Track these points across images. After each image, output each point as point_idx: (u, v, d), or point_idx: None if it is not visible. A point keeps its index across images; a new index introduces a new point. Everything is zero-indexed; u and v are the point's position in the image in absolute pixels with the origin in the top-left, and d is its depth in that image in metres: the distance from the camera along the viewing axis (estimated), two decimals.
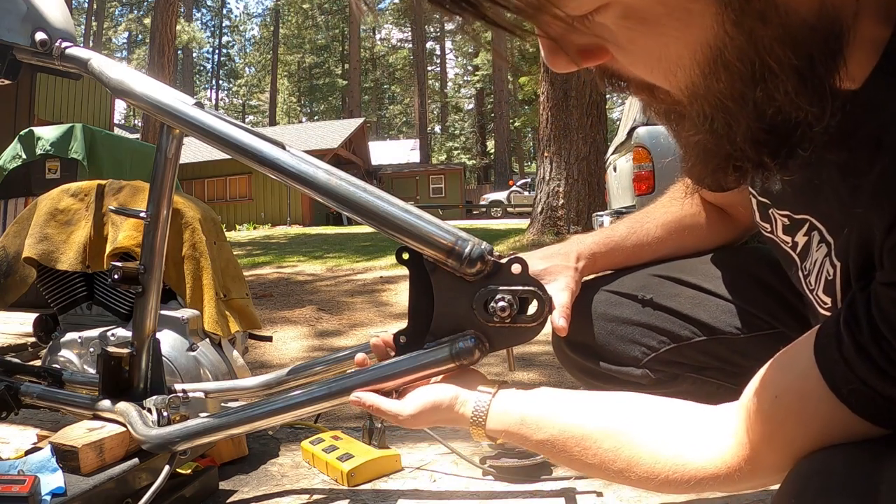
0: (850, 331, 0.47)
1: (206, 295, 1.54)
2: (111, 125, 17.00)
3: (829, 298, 0.59)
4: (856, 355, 0.47)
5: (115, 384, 1.23)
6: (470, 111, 45.56)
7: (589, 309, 0.92)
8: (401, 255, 0.87)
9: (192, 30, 43.40)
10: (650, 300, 0.90)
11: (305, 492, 1.43)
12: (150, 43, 14.68)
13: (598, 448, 0.63)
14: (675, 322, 0.88)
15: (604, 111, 7.72)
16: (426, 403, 0.77)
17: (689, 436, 0.60)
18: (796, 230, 0.64)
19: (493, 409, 0.73)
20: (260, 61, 50.76)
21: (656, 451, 0.60)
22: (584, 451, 0.65)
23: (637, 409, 0.66)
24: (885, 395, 0.46)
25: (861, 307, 0.47)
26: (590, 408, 0.68)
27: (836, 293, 0.57)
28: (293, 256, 7.92)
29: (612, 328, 0.90)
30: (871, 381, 0.46)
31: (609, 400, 0.69)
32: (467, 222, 18.00)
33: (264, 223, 18.90)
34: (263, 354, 3.17)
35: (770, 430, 0.54)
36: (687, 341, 0.88)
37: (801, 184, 0.58)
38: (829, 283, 0.58)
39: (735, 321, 0.87)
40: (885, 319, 0.45)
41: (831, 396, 0.49)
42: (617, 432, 0.63)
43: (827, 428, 0.50)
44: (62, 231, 1.60)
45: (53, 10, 1.20)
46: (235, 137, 1.01)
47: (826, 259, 0.58)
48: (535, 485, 1.41)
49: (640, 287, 0.91)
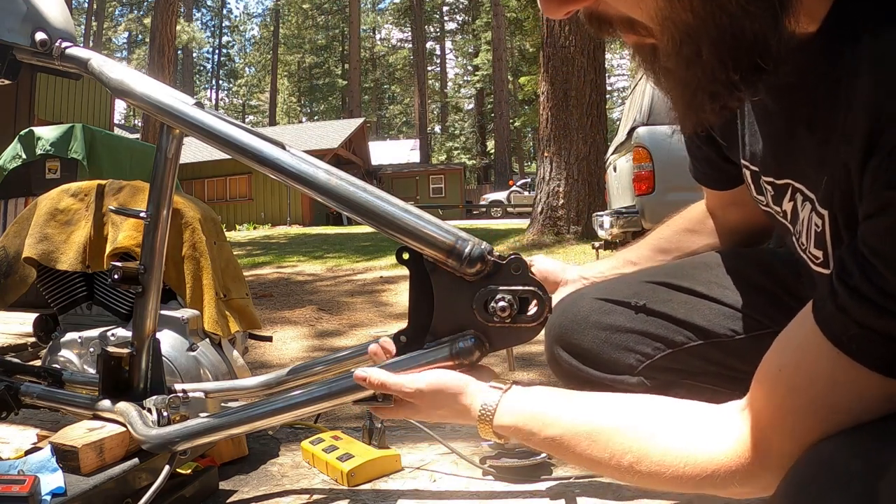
0: (842, 281, 0.47)
1: (206, 295, 1.54)
2: (111, 125, 17.00)
3: (819, 251, 0.59)
4: (850, 300, 0.46)
5: (115, 384, 1.23)
6: (470, 111, 45.58)
7: (582, 318, 0.91)
8: (401, 256, 0.87)
9: (192, 30, 43.42)
10: (643, 306, 0.89)
11: (305, 492, 1.43)
12: (150, 43, 14.68)
13: (607, 443, 0.62)
14: (670, 327, 0.88)
15: (604, 111, 7.72)
16: (434, 384, 0.76)
17: (698, 429, 0.59)
18: (781, 197, 0.65)
19: (503, 406, 0.71)
20: (260, 61, 50.77)
21: (666, 444, 0.59)
22: (592, 447, 0.63)
23: (646, 406, 0.65)
24: (885, 334, 0.45)
25: (848, 253, 0.48)
26: (599, 405, 0.67)
27: (825, 244, 0.57)
28: (293, 256, 7.92)
29: (607, 336, 0.90)
30: (870, 322, 0.46)
31: (618, 398, 0.68)
32: (467, 222, 18.00)
33: (264, 223, 18.91)
34: (263, 354, 3.17)
35: (776, 407, 0.53)
36: (682, 346, 0.87)
37: (777, 148, 0.61)
38: (818, 236, 0.58)
39: (729, 323, 0.87)
40: (873, 253, 0.45)
41: (833, 351, 0.48)
42: (626, 427, 0.63)
43: (834, 392, 0.49)
44: (62, 231, 1.60)
45: (53, 10, 1.20)
46: (235, 137, 1.01)
47: (812, 213, 0.59)
48: (535, 485, 1.41)
49: (632, 294, 0.91)
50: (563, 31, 7.41)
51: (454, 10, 47.26)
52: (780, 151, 0.63)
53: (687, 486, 0.58)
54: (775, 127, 0.63)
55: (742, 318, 0.87)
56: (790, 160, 0.61)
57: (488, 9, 37.40)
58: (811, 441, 0.50)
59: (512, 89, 35.48)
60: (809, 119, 0.55)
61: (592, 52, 7.49)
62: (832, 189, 0.52)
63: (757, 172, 0.70)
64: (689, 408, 0.63)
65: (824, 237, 0.57)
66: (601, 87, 7.71)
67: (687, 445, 0.58)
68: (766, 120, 0.64)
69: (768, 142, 0.65)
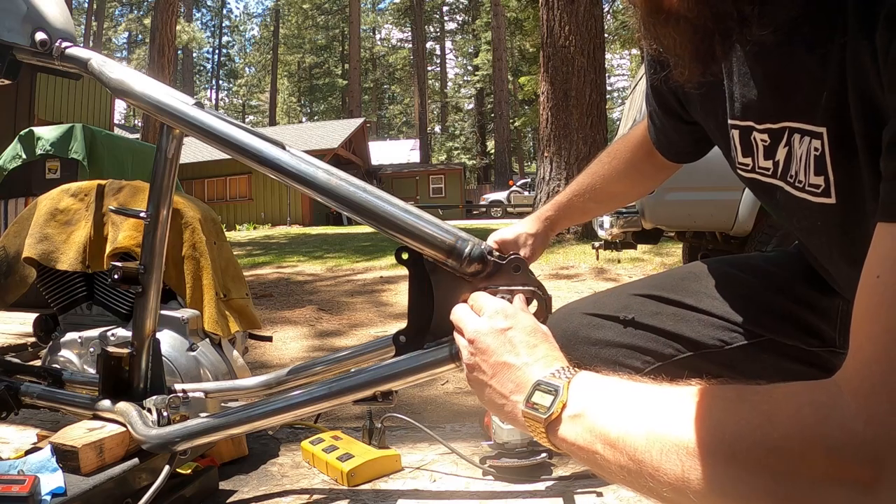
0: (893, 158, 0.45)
1: (206, 295, 1.54)
2: (111, 125, 16.99)
3: (820, 178, 0.59)
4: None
5: (115, 384, 1.23)
6: (470, 111, 45.55)
7: (571, 333, 0.90)
8: (400, 255, 0.87)
9: (192, 30, 43.38)
10: (632, 320, 0.88)
11: (305, 492, 1.43)
12: (150, 43, 14.67)
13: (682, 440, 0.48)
14: (659, 340, 0.87)
15: (604, 111, 7.72)
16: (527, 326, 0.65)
17: (801, 391, 0.46)
18: (776, 145, 0.65)
19: (568, 415, 0.55)
20: (260, 61, 50.76)
21: (766, 412, 0.45)
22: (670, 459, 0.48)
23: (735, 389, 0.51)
24: None
25: (890, 134, 0.45)
26: (675, 399, 0.51)
27: (826, 165, 0.58)
28: (293, 256, 7.92)
29: (596, 352, 0.88)
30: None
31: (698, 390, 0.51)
32: (467, 222, 17.99)
33: (264, 223, 18.91)
34: (263, 354, 3.17)
35: (883, 328, 0.42)
36: (671, 359, 0.86)
37: (776, 84, 0.62)
38: (818, 160, 0.59)
39: (719, 334, 0.86)
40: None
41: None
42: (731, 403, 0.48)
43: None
44: (62, 231, 1.60)
45: (53, 10, 1.20)
46: (235, 137, 1.01)
47: (810, 141, 0.59)
48: (535, 485, 1.41)
49: (621, 308, 0.90)
50: (563, 31, 7.41)
51: (454, 10, 47.26)
52: (779, 87, 0.63)
53: (784, 457, 0.43)
54: (774, 62, 0.63)
55: (732, 328, 0.86)
56: (788, 96, 0.62)
57: (488, 9, 37.39)
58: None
59: (512, 89, 35.46)
60: (808, 39, 0.56)
61: (592, 52, 7.49)
62: (831, 104, 0.54)
63: (749, 128, 0.69)
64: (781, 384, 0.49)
65: (824, 158, 0.57)
66: (601, 87, 7.71)
67: (789, 408, 0.45)
68: (764, 58, 0.64)
69: (766, 81, 0.64)
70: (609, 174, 1.06)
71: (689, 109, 0.84)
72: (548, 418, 0.56)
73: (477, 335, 0.66)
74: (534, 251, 1.03)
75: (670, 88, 0.84)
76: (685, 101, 0.84)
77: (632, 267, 5.55)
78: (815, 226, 0.65)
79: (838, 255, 0.67)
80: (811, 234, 0.70)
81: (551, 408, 0.56)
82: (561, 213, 1.08)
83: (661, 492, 0.48)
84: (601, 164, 1.07)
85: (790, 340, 0.84)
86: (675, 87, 0.82)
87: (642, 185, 1.11)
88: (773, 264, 0.91)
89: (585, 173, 1.09)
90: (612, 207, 1.20)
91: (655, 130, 0.96)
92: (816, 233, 0.67)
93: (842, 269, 0.70)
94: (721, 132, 0.76)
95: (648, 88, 0.92)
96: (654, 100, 0.92)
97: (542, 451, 1.47)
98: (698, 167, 1.11)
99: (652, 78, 0.87)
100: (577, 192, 1.08)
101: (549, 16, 7.49)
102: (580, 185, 1.08)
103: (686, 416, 0.48)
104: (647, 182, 1.10)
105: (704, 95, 0.76)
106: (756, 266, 0.93)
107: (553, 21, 7.46)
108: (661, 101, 0.90)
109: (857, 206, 0.57)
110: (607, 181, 1.06)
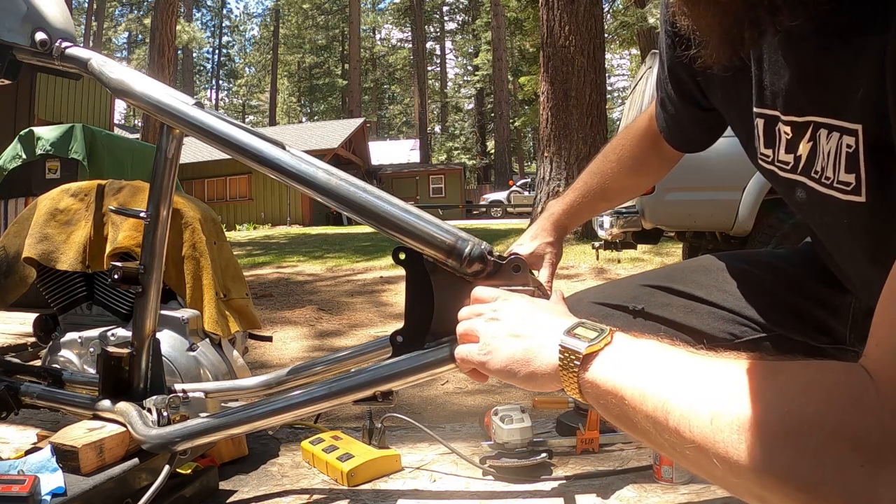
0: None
1: (206, 295, 1.54)
2: (111, 125, 16.98)
3: (851, 175, 0.58)
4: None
5: (115, 384, 1.23)
6: (470, 111, 45.55)
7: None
8: (397, 256, 0.87)
9: (192, 30, 43.34)
10: (641, 310, 0.88)
11: (305, 492, 1.43)
12: (150, 43, 14.68)
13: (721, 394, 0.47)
14: (668, 331, 0.86)
15: (604, 111, 7.72)
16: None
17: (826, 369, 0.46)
18: (799, 139, 0.64)
19: (608, 353, 0.55)
20: (260, 61, 50.74)
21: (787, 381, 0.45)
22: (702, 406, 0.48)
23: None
24: None
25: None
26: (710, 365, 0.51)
27: (859, 163, 0.56)
28: (293, 256, 7.92)
29: None
30: None
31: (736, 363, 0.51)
32: (467, 222, 18.00)
33: (264, 223, 18.90)
34: (263, 354, 3.17)
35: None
36: None
37: (807, 74, 0.61)
38: (850, 157, 0.57)
39: (729, 327, 0.86)
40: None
41: None
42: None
43: None
44: (62, 231, 1.60)
45: (53, 10, 1.20)
46: (235, 137, 1.01)
47: (841, 138, 0.58)
48: (535, 485, 1.41)
49: (630, 298, 0.90)
50: (563, 31, 7.41)
51: (454, 10, 47.26)
52: (809, 80, 0.62)
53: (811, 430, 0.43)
54: (805, 54, 0.61)
55: (742, 321, 0.86)
56: (818, 89, 0.60)
57: (488, 9, 37.40)
58: None
59: (512, 89, 35.45)
60: (844, 30, 0.54)
61: (592, 52, 7.49)
62: (868, 102, 0.53)
63: (775, 118, 0.68)
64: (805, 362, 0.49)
65: (857, 156, 0.56)
66: (601, 87, 7.71)
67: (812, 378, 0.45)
68: (796, 48, 0.62)
69: (796, 72, 0.63)
70: (616, 171, 1.06)
71: (709, 95, 0.83)
72: (589, 349, 0.55)
73: (496, 303, 0.68)
74: (556, 257, 1.05)
75: (690, 73, 0.82)
76: (705, 87, 0.83)
77: (632, 267, 5.55)
78: (839, 223, 0.64)
79: (861, 254, 0.66)
80: (832, 231, 0.68)
81: (595, 341, 0.56)
82: (573, 216, 1.09)
83: (683, 449, 0.47)
84: (607, 162, 1.07)
85: (800, 336, 0.84)
86: (695, 72, 0.81)
87: (648, 177, 1.11)
88: (784, 261, 0.91)
89: (591, 172, 1.08)
90: (619, 203, 1.20)
91: (666, 117, 0.95)
92: (840, 230, 0.66)
93: (862, 268, 0.69)
94: (743, 120, 0.74)
95: (664, 72, 0.90)
96: (671, 84, 0.89)
97: (542, 451, 1.47)
98: (698, 167, 1.11)
99: (671, 60, 0.85)
100: (586, 193, 1.08)
101: (549, 16, 7.49)
102: (588, 184, 1.08)
103: (724, 378, 0.47)
104: (653, 175, 1.11)
105: (728, 81, 0.74)
106: (767, 262, 0.92)
107: (553, 21, 7.46)
108: (678, 86, 0.88)
109: (887, 205, 0.56)
110: (614, 178, 1.06)
